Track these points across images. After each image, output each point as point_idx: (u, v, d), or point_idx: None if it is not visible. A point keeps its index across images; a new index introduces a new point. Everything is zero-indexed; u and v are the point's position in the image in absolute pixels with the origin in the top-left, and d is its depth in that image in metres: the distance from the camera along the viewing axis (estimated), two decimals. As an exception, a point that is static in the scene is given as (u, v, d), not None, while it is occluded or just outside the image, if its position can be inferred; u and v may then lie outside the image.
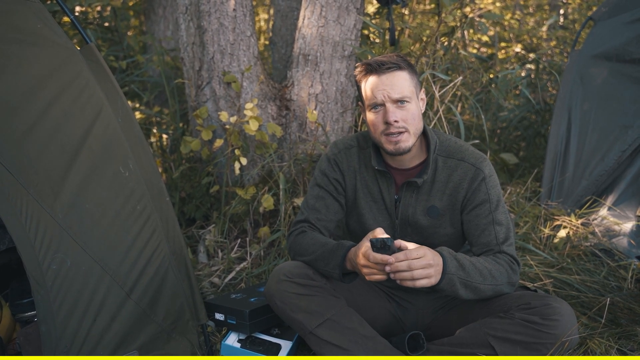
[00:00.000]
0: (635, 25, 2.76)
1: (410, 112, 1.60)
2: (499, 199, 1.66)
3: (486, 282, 1.53)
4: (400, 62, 1.61)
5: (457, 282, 1.47)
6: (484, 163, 1.67)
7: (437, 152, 1.70)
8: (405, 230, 1.74)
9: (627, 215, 2.66)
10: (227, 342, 1.85)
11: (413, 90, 1.62)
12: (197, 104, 2.77)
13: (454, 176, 1.67)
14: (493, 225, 1.63)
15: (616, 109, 2.77)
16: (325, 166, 1.80)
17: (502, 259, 1.60)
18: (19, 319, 1.91)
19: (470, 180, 1.65)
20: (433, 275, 1.41)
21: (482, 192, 1.64)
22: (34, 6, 1.68)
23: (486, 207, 1.64)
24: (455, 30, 2.75)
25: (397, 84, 1.59)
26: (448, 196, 1.68)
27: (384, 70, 1.59)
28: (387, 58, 1.61)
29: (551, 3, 6.48)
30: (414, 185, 1.69)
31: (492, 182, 1.66)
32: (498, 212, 1.64)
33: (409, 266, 1.38)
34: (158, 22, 4.54)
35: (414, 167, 1.72)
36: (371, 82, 1.62)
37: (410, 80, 1.62)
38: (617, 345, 1.80)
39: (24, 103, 1.52)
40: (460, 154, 1.68)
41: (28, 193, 1.45)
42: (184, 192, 2.90)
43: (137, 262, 1.67)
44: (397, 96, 1.58)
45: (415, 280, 1.40)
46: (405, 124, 1.60)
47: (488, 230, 1.63)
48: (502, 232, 1.63)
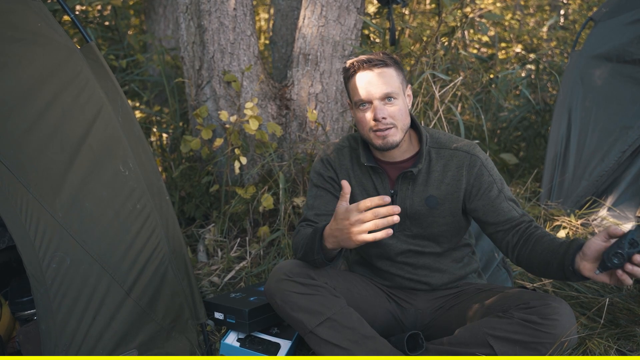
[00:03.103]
0: (636, 26, 2.76)
1: (398, 108, 1.62)
2: (500, 177, 1.71)
3: None
4: (387, 59, 1.63)
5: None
6: (476, 149, 1.71)
7: (429, 145, 1.72)
8: (404, 223, 1.74)
9: (627, 215, 2.66)
10: (227, 341, 1.86)
11: (400, 87, 1.64)
12: (197, 103, 2.77)
13: (451, 165, 1.69)
14: (507, 201, 1.67)
15: (616, 109, 2.77)
16: (319, 167, 1.82)
17: (541, 228, 1.62)
18: (19, 317, 1.91)
19: (469, 168, 1.68)
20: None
21: (485, 176, 1.67)
22: (34, 5, 1.68)
23: (495, 189, 1.67)
24: (455, 30, 2.75)
25: (383, 81, 1.61)
26: (447, 185, 1.69)
27: (370, 67, 1.61)
28: (374, 55, 1.63)
29: (551, 3, 6.48)
30: (410, 176, 1.70)
31: (490, 165, 1.70)
32: (505, 189, 1.69)
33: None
34: (158, 21, 4.54)
35: (407, 159, 1.73)
36: (358, 79, 1.63)
37: (397, 77, 1.64)
38: (616, 345, 1.80)
39: (23, 102, 1.52)
40: (451, 143, 1.72)
41: (28, 192, 1.45)
42: (184, 191, 2.90)
43: (136, 261, 1.67)
44: (384, 93, 1.60)
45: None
46: (393, 120, 1.62)
47: (506, 207, 1.66)
48: (517, 207, 1.67)
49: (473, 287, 1.78)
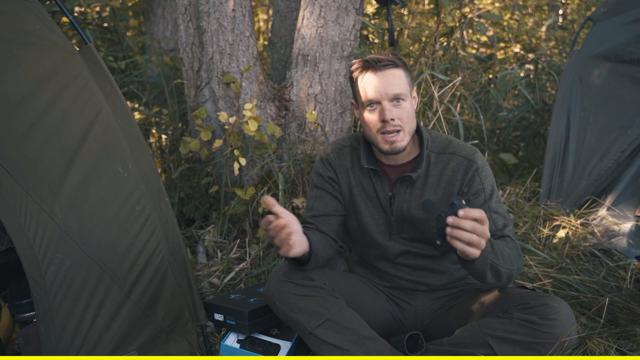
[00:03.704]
0: (635, 26, 2.76)
1: (406, 110, 1.62)
2: (493, 188, 1.68)
3: (505, 266, 1.50)
4: (396, 60, 1.63)
5: (488, 262, 1.44)
6: (475, 155, 1.69)
7: (429, 148, 1.71)
8: (402, 226, 1.74)
9: (626, 215, 2.66)
10: (227, 342, 1.85)
11: (408, 88, 1.64)
12: (196, 105, 2.77)
13: (447, 169, 1.68)
14: (489, 213, 1.64)
15: (615, 109, 2.77)
16: (319, 167, 1.82)
17: (509, 242, 1.60)
18: (18, 319, 1.91)
19: (464, 172, 1.67)
20: (482, 247, 1.34)
21: (476, 183, 1.66)
22: (32, 6, 1.68)
23: (481, 197, 1.66)
24: (454, 30, 2.75)
25: (393, 81, 1.60)
26: (442, 189, 1.69)
27: (380, 67, 1.60)
28: (383, 55, 1.62)
29: (550, 3, 6.48)
30: (408, 180, 1.70)
31: (485, 173, 1.68)
32: (492, 200, 1.66)
33: (473, 228, 1.31)
34: (157, 23, 4.54)
35: (407, 163, 1.73)
36: (368, 79, 1.63)
37: (405, 79, 1.64)
38: (616, 345, 1.80)
39: (23, 103, 1.52)
40: (451, 148, 1.71)
41: (27, 194, 1.45)
42: (183, 192, 2.90)
43: (136, 263, 1.67)
44: (393, 94, 1.60)
45: (468, 246, 1.32)
46: (400, 122, 1.61)
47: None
48: (500, 220, 1.65)
49: (472, 287, 1.78)
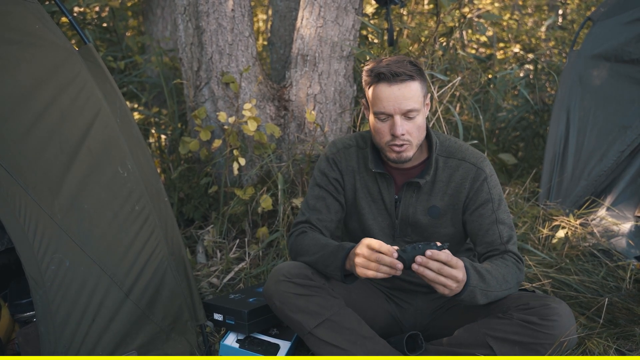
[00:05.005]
0: (634, 26, 2.76)
1: (417, 124, 1.59)
2: (501, 198, 1.67)
3: (502, 288, 1.53)
4: (414, 72, 1.56)
5: (477, 293, 1.47)
6: (484, 162, 1.67)
7: (437, 153, 1.69)
8: (405, 230, 1.74)
9: (626, 215, 2.66)
10: (226, 342, 1.85)
11: (422, 101, 1.59)
12: (196, 105, 2.77)
13: (456, 176, 1.67)
14: (496, 224, 1.64)
15: (615, 109, 2.77)
16: (324, 166, 1.79)
17: (509, 260, 1.60)
18: (18, 319, 1.91)
19: (472, 180, 1.65)
20: (454, 290, 1.41)
21: (484, 192, 1.65)
22: (32, 6, 1.68)
23: (489, 207, 1.65)
24: (453, 30, 2.75)
25: (408, 95, 1.55)
26: (450, 196, 1.68)
27: (397, 81, 1.55)
28: (402, 68, 1.55)
29: (550, 3, 6.48)
30: (416, 185, 1.69)
31: (494, 182, 1.67)
32: (500, 211, 1.65)
33: (439, 269, 1.37)
34: (156, 23, 4.54)
35: (414, 167, 1.72)
36: (381, 90, 1.57)
37: (421, 90, 1.59)
38: (616, 345, 1.80)
39: (22, 104, 1.52)
40: (460, 153, 1.69)
41: (27, 193, 1.45)
42: (183, 192, 2.90)
43: (135, 263, 1.67)
44: (406, 110, 1.56)
45: (436, 284, 1.39)
46: (410, 136, 1.58)
47: (492, 230, 1.64)
48: (506, 231, 1.64)
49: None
